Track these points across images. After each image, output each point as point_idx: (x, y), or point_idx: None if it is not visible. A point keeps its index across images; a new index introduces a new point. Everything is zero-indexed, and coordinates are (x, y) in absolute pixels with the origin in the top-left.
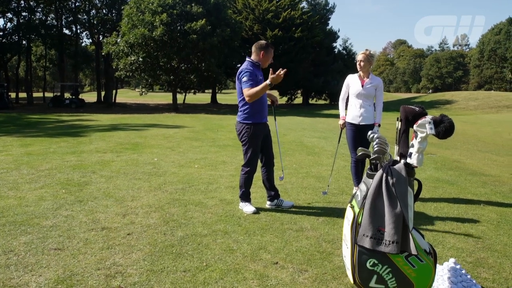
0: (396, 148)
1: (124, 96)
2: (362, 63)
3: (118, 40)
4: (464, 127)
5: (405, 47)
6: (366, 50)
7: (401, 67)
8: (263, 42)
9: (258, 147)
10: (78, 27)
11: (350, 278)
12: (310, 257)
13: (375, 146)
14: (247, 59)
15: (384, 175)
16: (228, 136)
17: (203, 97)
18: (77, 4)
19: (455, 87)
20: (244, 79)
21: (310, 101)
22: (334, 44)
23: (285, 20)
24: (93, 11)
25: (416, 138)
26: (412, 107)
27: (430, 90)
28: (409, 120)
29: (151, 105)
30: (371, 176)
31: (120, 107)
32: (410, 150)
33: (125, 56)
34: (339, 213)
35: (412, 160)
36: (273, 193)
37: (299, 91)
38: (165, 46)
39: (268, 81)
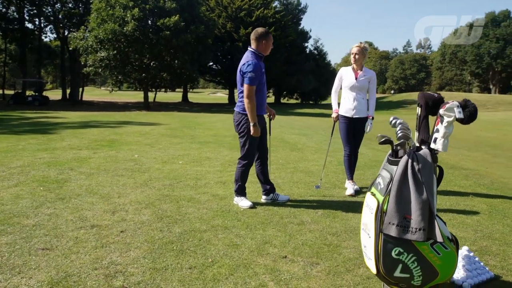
0: (416, 134)
1: (89, 94)
2: (356, 56)
3: (87, 35)
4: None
5: (371, 48)
6: (360, 43)
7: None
8: (261, 30)
9: (257, 140)
10: (42, 20)
11: (372, 268)
12: (318, 250)
13: (399, 131)
14: (249, 49)
15: (410, 161)
16: (207, 133)
17: (174, 96)
18: None
19: (418, 88)
20: (250, 74)
21: (282, 100)
22: (306, 44)
23: (258, 18)
24: (58, 4)
25: (441, 123)
26: (431, 93)
27: (393, 91)
28: (429, 106)
29: (119, 103)
30: (393, 163)
31: (87, 105)
32: (435, 135)
33: (95, 52)
34: (336, 206)
35: (437, 145)
36: (268, 187)
37: (271, 90)
38: (137, 42)
39: (253, 126)
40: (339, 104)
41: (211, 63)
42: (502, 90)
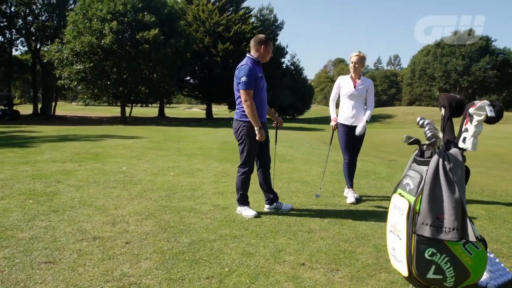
0: (441, 135)
1: (61, 109)
2: (356, 65)
3: (61, 48)
4: None
5: (344, 65)
6: (360, 52)
7: None
8: (262, 36)
9: (256, 147)
10: (13, 32)
11: (402, 271)
12: (335, 257)
13: (428, 131)
14: (247, 55)
15: (441, 160)
16: (192, 146)
17: (149, 111)
18: (12, 9)
19: (389, 104)
20: (243, 79)
21: None
22: (283, 60)
23: (236, 34)
24: (30, 17)
25: (471, 122)
26: (453, 94)
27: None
28: (453, 107)
29: (94, 118)
30: (422, 163)
31: (60, 120)
32: (464, 134)
33: (70, 65)
34: (341, 214)
35: (467, 145)
36: (271, 196)
37: None
38: (115, 55)
39: (258, 131)
40: (337, 114)
41: (188, 78)
42: None
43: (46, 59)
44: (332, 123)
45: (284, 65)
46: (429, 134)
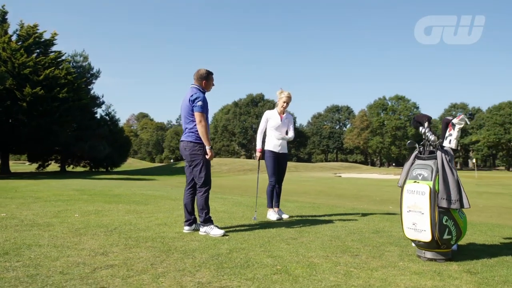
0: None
1: None
2: (285, 104)
3: None
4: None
5: (147, 120)
6: (289, 93)
7: (145, 139)
8: (202, 71)
9: (210, 166)
10: None
11: (424, 238)
12: (340, 249)
13: (431, 136)
14: (193, 85)
15: (443, 154)
16: (46, 194)
17: None
18: None
19: None
20: (199, 103)
21: (67, 168)
22: (98, 109)
23: (48, 78)
24: None
25: (454, 129)
26: (425, 114)
27: (172, 160)
28: (430, 122)
29: None
30: (428, 158)
31: None
32: (449, 138)
33: None
34: (297, 227)
35: (452, 144)
36: (193, 217)
37: (53, 157)
38: None
39: (209, 150)
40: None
41: None
42: None
43: None
44: (258, 154)
45: (98, 116)
46: (432, 138)
